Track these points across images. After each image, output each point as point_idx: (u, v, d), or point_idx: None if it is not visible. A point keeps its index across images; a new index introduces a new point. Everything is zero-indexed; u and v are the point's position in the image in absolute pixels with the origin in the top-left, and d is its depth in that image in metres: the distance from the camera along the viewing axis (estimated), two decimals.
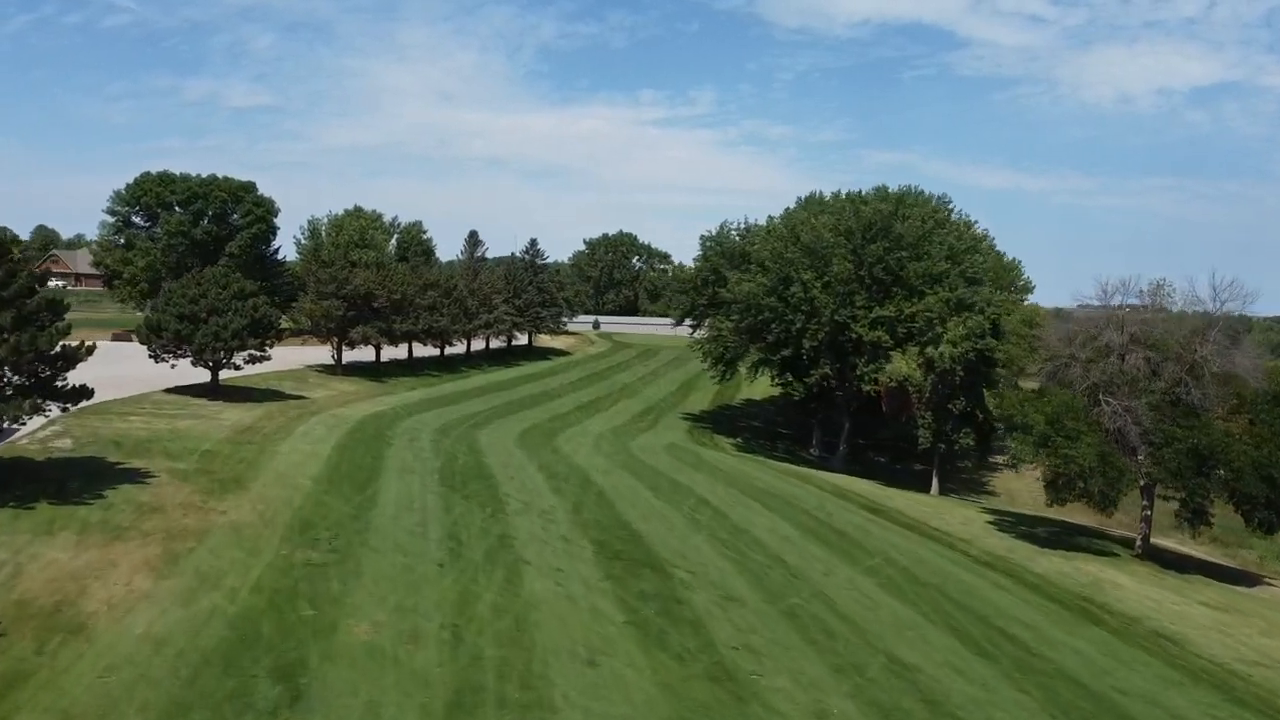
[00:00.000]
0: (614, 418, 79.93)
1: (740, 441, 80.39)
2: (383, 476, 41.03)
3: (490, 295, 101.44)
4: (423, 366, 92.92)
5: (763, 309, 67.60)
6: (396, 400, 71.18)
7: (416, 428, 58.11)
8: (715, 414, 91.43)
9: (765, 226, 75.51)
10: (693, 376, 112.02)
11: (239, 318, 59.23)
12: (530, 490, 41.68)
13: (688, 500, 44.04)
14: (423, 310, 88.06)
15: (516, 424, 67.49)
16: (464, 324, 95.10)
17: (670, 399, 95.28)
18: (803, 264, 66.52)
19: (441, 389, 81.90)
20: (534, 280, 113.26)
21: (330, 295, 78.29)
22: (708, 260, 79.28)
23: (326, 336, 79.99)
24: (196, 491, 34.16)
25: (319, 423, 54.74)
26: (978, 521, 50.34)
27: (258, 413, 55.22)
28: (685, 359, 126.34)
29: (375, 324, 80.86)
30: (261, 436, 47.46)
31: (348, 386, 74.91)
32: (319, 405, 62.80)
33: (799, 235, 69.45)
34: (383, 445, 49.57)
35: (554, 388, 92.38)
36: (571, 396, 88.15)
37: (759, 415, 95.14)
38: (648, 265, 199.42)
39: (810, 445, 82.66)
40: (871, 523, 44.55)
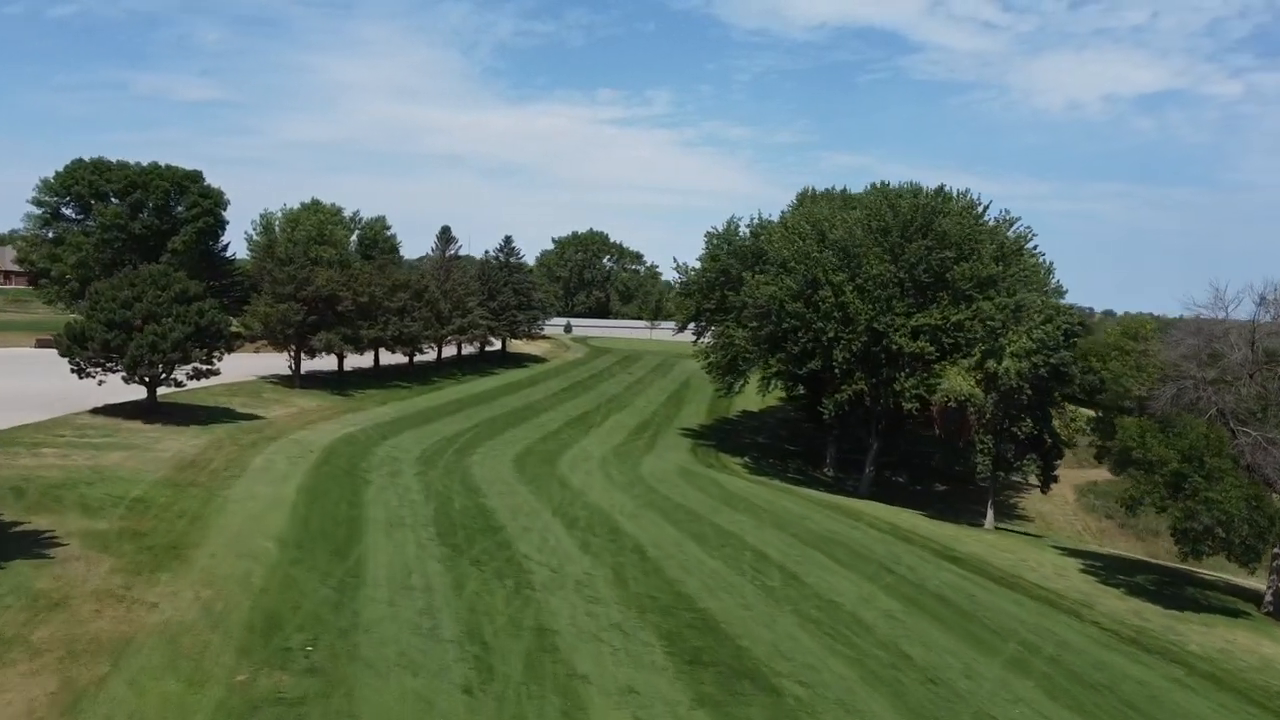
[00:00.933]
0: (609, 435, 71.37)
1: (749, 461, 72.31)
2: (366, 533, 32.13)
3: (464, 298, 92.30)
4: (390, 376, 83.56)
5: (786, 315, 59.49)
6: (366, 419, 61.95)
7: (395, 456, 49.10)
8: (715, 429, 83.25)
9: (781, 222, 67.34)
10: (681, 386, 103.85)
11: (181, 325, 49.78)
12: (553, 548, 33.05)
13: (742, 554, 35.70)
14: (392, 314, 78.78)
15: (507, 447, 58.65)
16: (436, 329, 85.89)
17: (664, 412, 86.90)
18: (832, 265, 58.51)
19: (415, 403, 72.70)
20: (509, 281, 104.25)
21: (288, 297, 68.78)
22: (715, 260, 71.02)
23: (283, 344, 70.47)
24: (119, 568, 25.12)
25: (279, 452, 45.54)
26: (1070, 570, 42.65)
27: (204, 440, 45.88)
28: (669, 365, 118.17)
29: (339, 330, 71.48)
30: (209, 475, 38.26)
31: (309, 402, 65.50)
32: (277, 428, 53.47)
33: (824, 232, 61.43)
34: (359, 484, 40.56)
35: (537, 400, 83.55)
36: (558, 410, 79.42)
37: (761, 429, 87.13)
38: (619, 265, 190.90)
39: (824, 464, 74.83)
40: (966, 580, 36.54)
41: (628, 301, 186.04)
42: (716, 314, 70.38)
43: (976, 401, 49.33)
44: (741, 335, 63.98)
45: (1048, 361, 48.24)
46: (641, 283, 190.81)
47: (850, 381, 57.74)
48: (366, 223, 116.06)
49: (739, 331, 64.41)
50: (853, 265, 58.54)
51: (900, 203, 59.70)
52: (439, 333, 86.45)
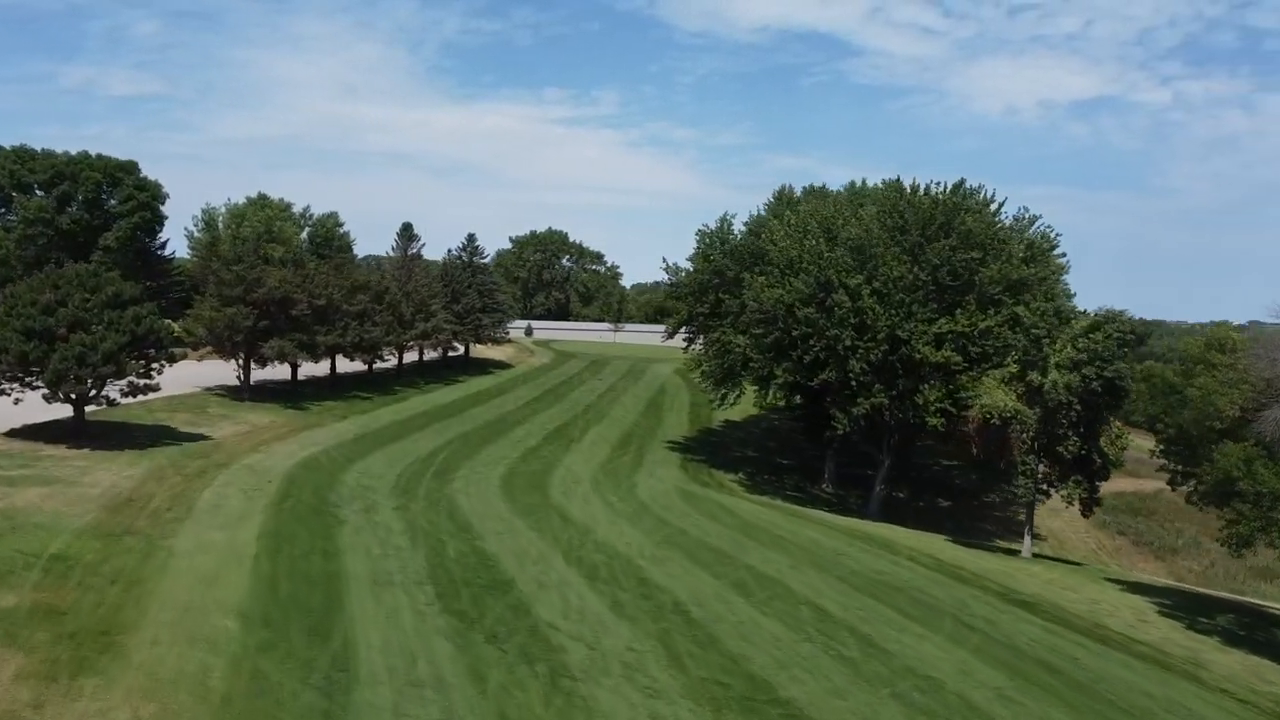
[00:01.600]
0: (593, 451, 65.37)
1: (744, 478, 66.79)
2: (349, 597, 25.87)
3: (427, 300, 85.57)
4: (349, 386, 76.61)
5: (796, 321, 54.03)
6: (327, 437, 55.22)
7: (367, 485, 42.64)
8: (701, 441, 77.62)
9: (784, 220, 61.82)
10: (656, 393, 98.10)
11: (114, 333, 42.84)
12: (580, 612, 27.05)
13: (798, 610, 30.03)
14: (351, 319, 71.91)
15: (488, 468, 52.36)
16: (399, 334, 79.11)
17: (644, 423, 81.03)
18: (847, 266, 53.19)
19: (378, 417, 65.96)
20: (473, 282, 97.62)
21: (237, 300, 61.69)
22: (708, 261, 65.30)
23: (230, 351, 63.34)
24: (28, 672, 18.72)
25: (231, 483, 38.90)
26: (1148, 614, 37.65)
27: (141, 469, 39.08)
28: (640, 371, 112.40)
29: (294, 336, 64.50)
30: (148, 517, 31.64)
31: (260, 418, 58.54)
32: (227, 451, 46.66)
33: (834, 230, 56.07)
34: (331, 524, 34.15)
35: (509, 411, 77.18)
36: (533, 423, 73.16)
37: (748, 441, 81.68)
38: (579, 266, 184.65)
39: (822, 480, 69.59)
40: (1055, 636, 31.26)
41: (588, 303, 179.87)
42: (711, 319, 64.70)
43: (1024, 418, 44.28)
44: (742, 342, 58.35)
45: (1101, 374, 43.35)
46: (603, 283, 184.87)
47: (869, 394, 52.40)
48: (318, 219, 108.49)
49: (738, 338, 58.78)
50: (870, 267, 53.28)
51: (920, 199, 54.56)
52: (401, 338, 79.68)
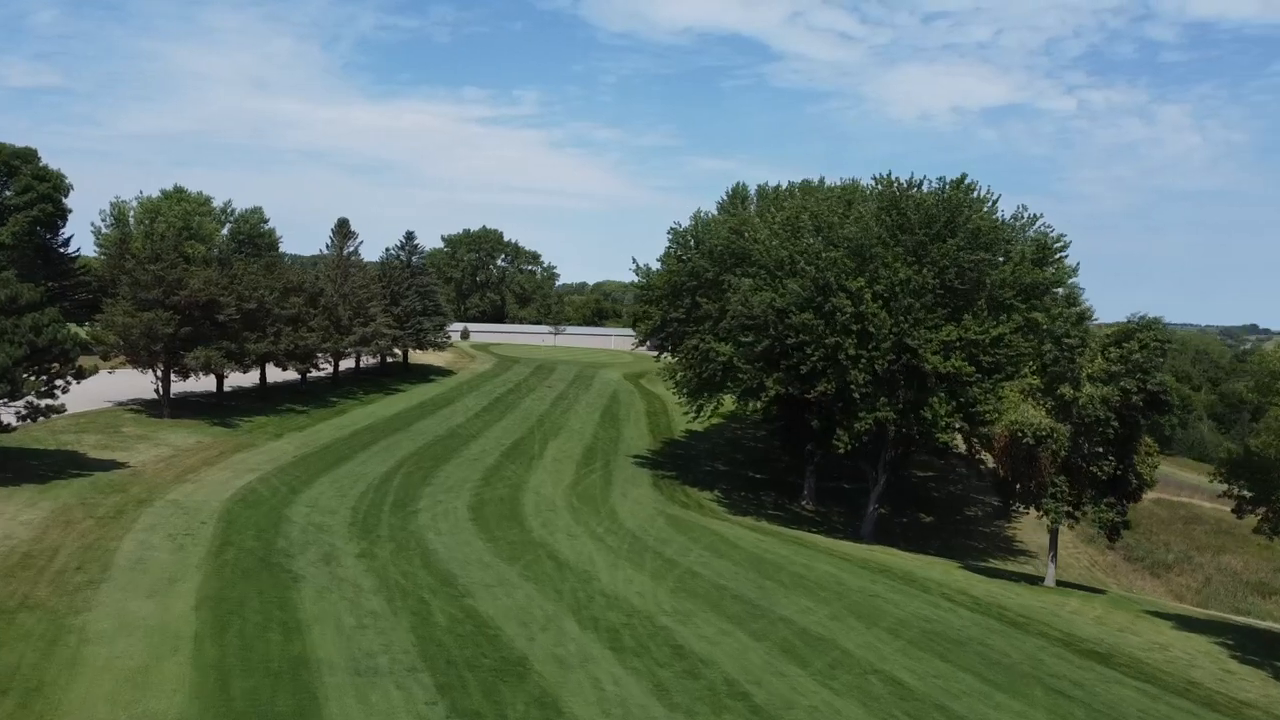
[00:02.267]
0: (557, 469, 59.56)
1: (722, 496, 61.72)
2: (327, 702, 19.77)
3: (365, 302, 78.56)
4: (280, 398, 69.32)
5: (790, 328, 49.02)
6: (263, 460, 48.40)
7: (320, 523, 36.23)
8: (667, 455, 72.31)
9: (769, 216, 56.76)
10: (610, 401, 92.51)
11: (9, 345, 35.71)
12: (621, 702, 21.40)
13: (867, 681, 24.84)
14: (284, 324, 64.76)
15: (451, 495, 46.19)
16: (336, 340, 72.07)
17: (603, 435, 75.38)
18: (847, 268, 48.37)
19: (318, 434, 59.07)
20: (413, 283, 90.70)
21: (155, 303, 54.30)
22: (683, 262, 59.91)
23: (148, 362, 55.87)
24: None
25: (156, 526, 32.26)
26: (1224, 660, 33.44)
27: (42, 511, 32.24)
28: (588, 377, 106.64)
29: (221, 344, 57.25)
30: (50, 581, 25.08)
31: (184, 438, 51.37)
32: (148, 482, 39.76)
33: (826, 228, 51.19)
34: (285, 583, 27.83)
35: (460, 424, 70.75)
36: (488, 437, 66.96)
37: (715, 454, 76.61)
38: (514, 266, 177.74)
39: (801, 497, 64.86)
40: (1157, 701, 26.63)
41: (525, 304, 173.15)
42: (686, 324, 59.31)
43: (1059, 437, 39.89)
44: (726, 350, 53.07)
45: (1144, 386, 39.22)
46: (539, 285, 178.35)
47: (872, 408, 47.61)
48: (241, 215, 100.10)
49: (721, 346, 53.47)
50: (871, 269, 48.55)
51: (923, 195, 50.01)
52: (339, 345, 72.64)
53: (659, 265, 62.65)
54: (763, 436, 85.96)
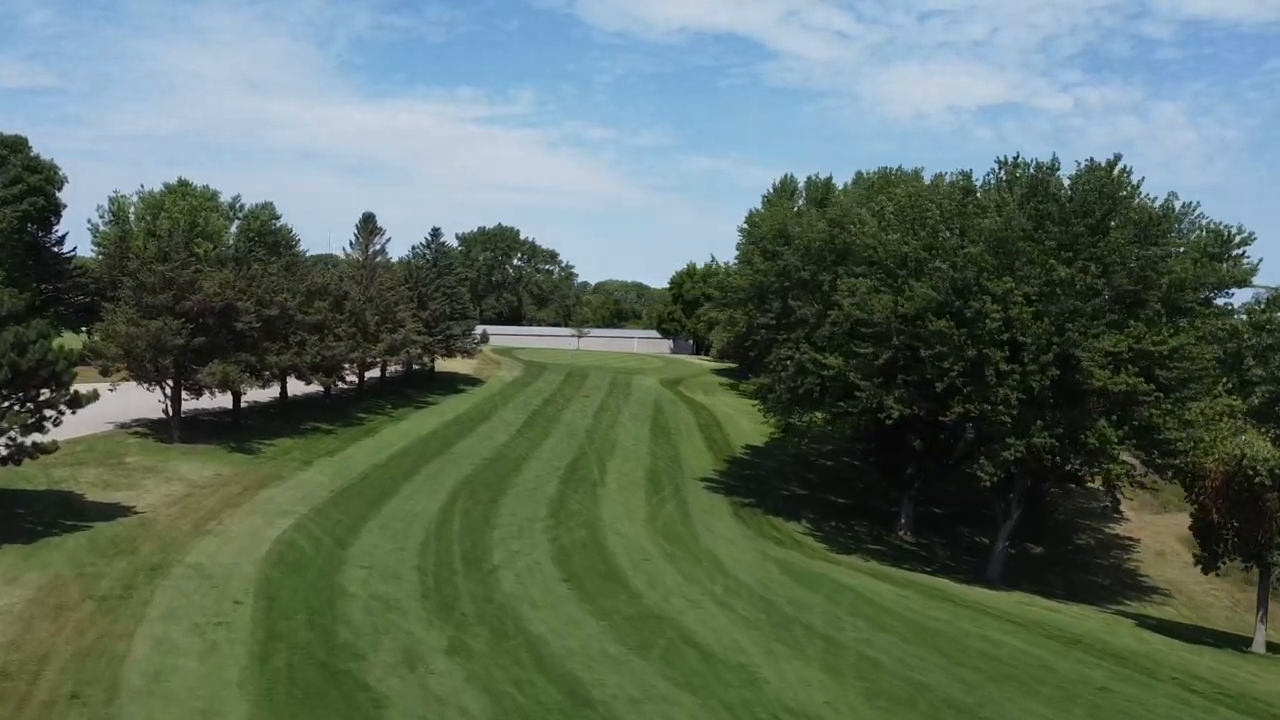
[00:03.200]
0: (627, 499, 51.78)
1: (811, 528, 53.96)
2: None
3: (394, 306, 70.58)
4: (302, 414, 61.32)
5: (920, 339, 41.19)
6: (294, 498, 40.43)
7: (385, 596, 28.24)
8: (735, 476, 64.44)
9: (877, 207, 48.69)
10: (654, 412, 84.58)
11: None
12: None
13: None
14: (308, 332, 56.82)
15: (526, 541, 38.23)
16: (365, 350, 64.10)
17: (661, 453, 67.51)
18: (988, 265, 40.52)
19: (351, 460, 51.09)
20: (440, 285, 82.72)
21: (164, 310, 46.39)
22: (773, 259, 51.95)
23: (155, 377, 47.92)
24: None
25: (178, 618, 24.32)
26: None
27: (26, 589, 24.46)
28: (624, 384, 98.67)
29: (239, 356, 49.33)
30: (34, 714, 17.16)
31: (200, 468, 43.44)
32: (161, 536, 31.81)
33: (957, 219, 43.28)
34: (365, 707, 19.86)
35: (504, 443, 62.79)
36: (538, 459, 59.10)
37: (786, 473, 68.61)
38: (531, 266, 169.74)
39: (898, 527, 56.99)
40: None
41: (543, 306, 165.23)
42: (777, 331, 51.33)
43: None
44: (835, 363, 45.08)
45: None
46: (557, 285, 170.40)
47: (1025, 432, 39.65)
48: (251, 211, 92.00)
49: (829, 357, 45.47)
50: (1017, 267, 40.67)
51: (1080, 179, 42.04)
52: (368, 354, 64.67)
53: (736, 262, 54.59)
54: (831, 453, 78.16)
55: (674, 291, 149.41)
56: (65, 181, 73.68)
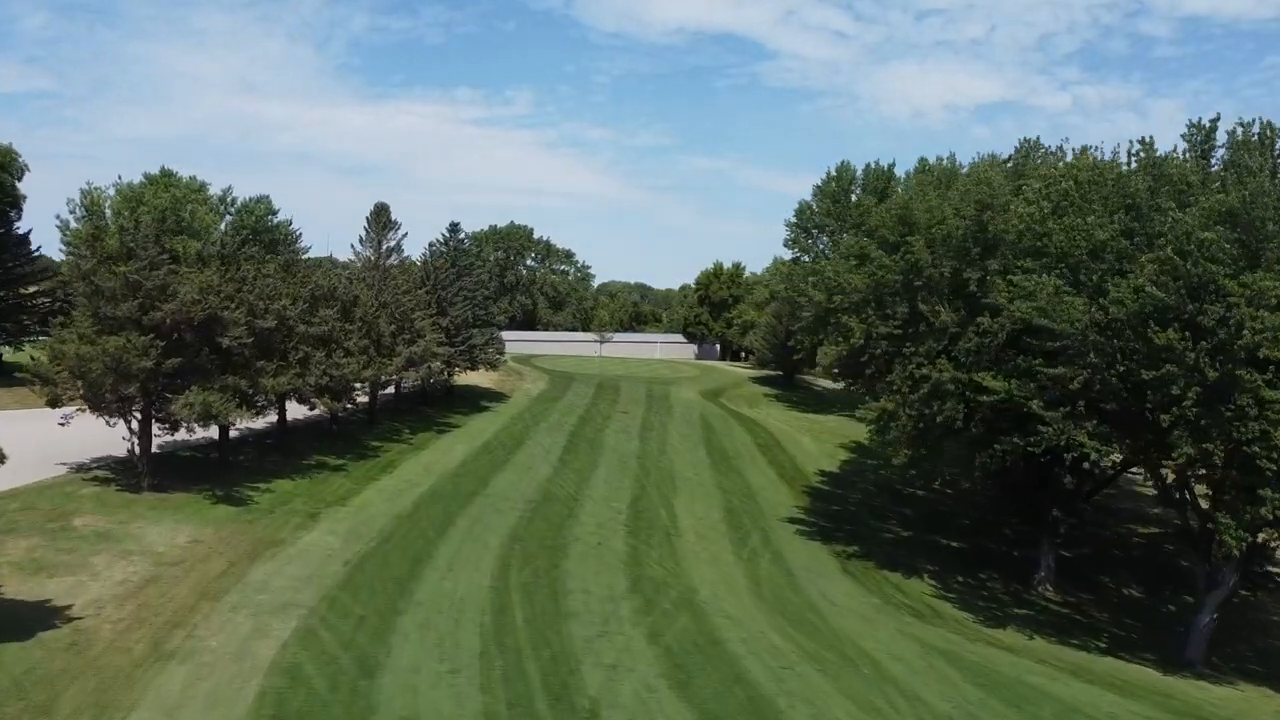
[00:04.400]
0: (713, 554, 41.36)
1: (938, 586, 43.53)
2: None
3: (411, 312, 59.90)
4: (304, 445, 50.65)
5: (1138, 353, 30.71)
6: (298, 582, 29.77)
7: None
8: (820, 513, 53.97)
9: (1039, 184, 38.00)
10: (704, 431, 74.08)
11: None
12: None
13: None
14: (312, 346, 46.17)
15: (614, 643, 27.63)
16: (380, 366, 53.41)
17: (731, 487, 56.99)
18: (1229, 256, 30.09)
19: (367, 511, 40.42)
20: (461, 287, 72.01)
21: (128, 322, 35.78)
22: (904, 253, 41.08)
23: (118, 409, 37.21)
24: None
25: None
26: None
27: None
28: (661, 396, 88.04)
29: (226, 381, 38.67)
30: None
31: (169, 534, 32.76)
32: (97, 665, 21.15)
33: (1179, 190, 32.75)
34: None
35: (547, 478, 52.14)
36: (591, 497, 48.58)
37: (875, 506, 58.04)
38: (546, 266, 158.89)
39: (1035, 580, 46.35)
40: None
41: (559, 309, 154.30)
42: (902, 342, 40.62)
43: None
44: (999, 386, 34.45)
45: None
46: (573, 287, 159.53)
47: None
48: (244, 205, 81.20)
49: (994, 379, 34.85)
50: (1268, 256, 30.16)
51: None
52: (382, 371, 53.96)
53: (848, 257, 43.85)
54: (915, 478, 67.56)
55: (700, 293, 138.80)
56: (26, 169, 62.90)
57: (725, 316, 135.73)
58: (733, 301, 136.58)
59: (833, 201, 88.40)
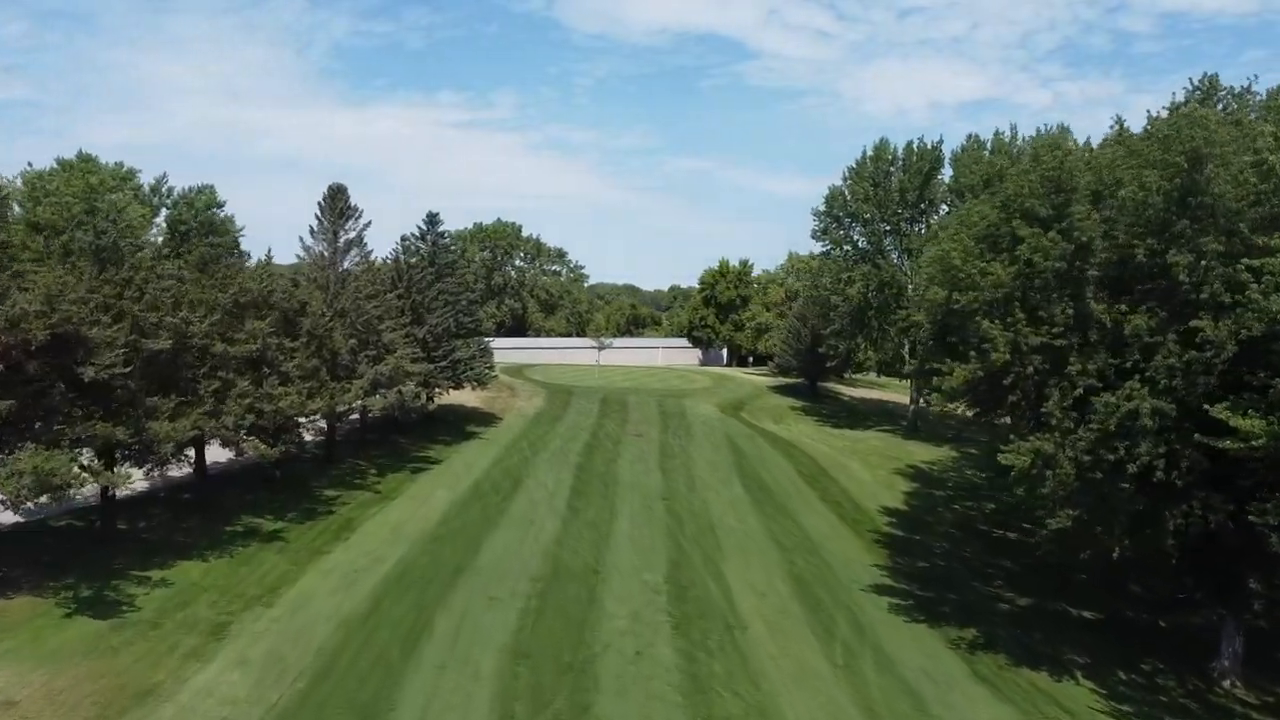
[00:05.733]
0: (793, 657, 29.27)
1: (1096, 687, 31.37)
2: None
3: (376, 322, 47.44)
4: (232, 501, 38.20)
5: None
6: None
7: None
8: (912, 576, 41.73)
9: None
10: (735, 457, 62.01)
11: None
12: None
13: None
14: (239, 370, 33.72)
15: None
16: (333, 394, 40.94)
17: (785, 537, 44.83)
18: None
19: (304, 613, 28.03)
20: (442, 290, 59.58)
21: None
22: (1063, 225, 28.77)
23: None
24: None
25: None
26: None
27: None
28: (676, 413, 75.73)
29: (93, 428, 26.25)
30: None
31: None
32: None
33: None
34: None
35: (553, 537, 39.85)
36: (617, 568, 36.39)
37: (964, 557, 45.76)
38: (537, 267, 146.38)
39: (1213, 669, 34.19)
40: None
41: (551, 313, 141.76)
42: (1064, 356, 28.34)
43: None
44: (1266, 429, 22.57)
45: None
46: (566, 289, 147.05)
47: None
48: (183, 196, 68.50)
49: (1253, 422, 22.81)
50: None
51: None
52: (336, 401, 41.48)
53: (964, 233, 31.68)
54: (999, 515, 55.48)
55: (704, 293, 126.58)
56: None
57: (733, 318, 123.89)
58: (741, 302, 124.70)
59: (872, 185, 76.45)
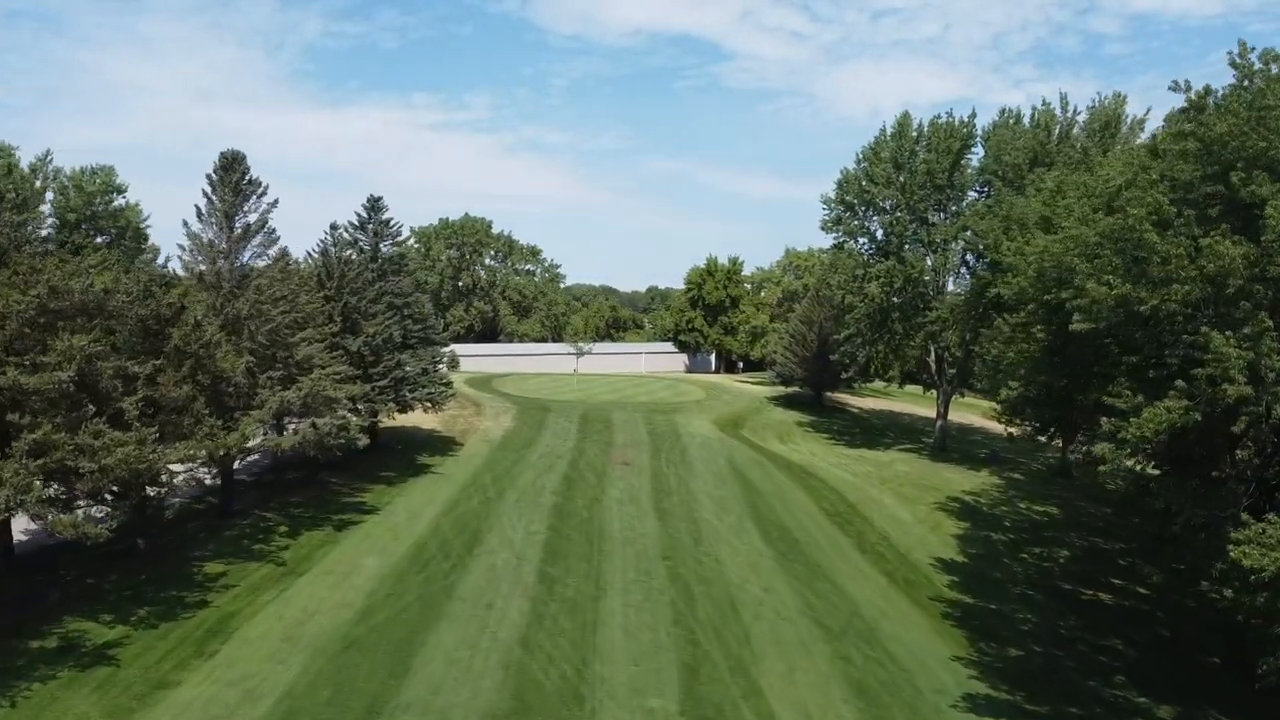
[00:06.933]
0: None
1: None
2: None
3: (285, 332, 35.90)
4: (45, 597, 26.81)
5: None
6: None
7: None
8: (1002, 670, 30.72)
9: None
10: (745, 492, 50.83)
11: None
12: None
13: None
14: (53, 405, 22.25)
15: None
16: (210, 434, 29.39)
17: (831, 617, 33.77)
18: None
19: None
20: (386, 288, 48.11)
21: None
22: None
23: None
24: None
25: None
26: None
27: None
28: (667, 434, 64.33)
29: None
30: None
31: None
32: None
33: None
34: None
35: (517, 633, 28.59)
36: (616, 691, 25.13)
37: (1066, 630, 34.91)
38: (509, 266, 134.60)
39: None
40: None
41: (525, 316, 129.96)
42: None
43: None
44: None
45: None
46: (541, 290, 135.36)
47: None
48: (74, 177, 56.44)
49: None
50: None
51: None
52: (219, 443, 29.92)
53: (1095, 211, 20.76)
54: (1078, 567, 44.67)
55: (691, 294, 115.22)
56: None
57: (723, 321, 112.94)
58: (731, 303, 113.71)
59: (894, 167, 65.69)
